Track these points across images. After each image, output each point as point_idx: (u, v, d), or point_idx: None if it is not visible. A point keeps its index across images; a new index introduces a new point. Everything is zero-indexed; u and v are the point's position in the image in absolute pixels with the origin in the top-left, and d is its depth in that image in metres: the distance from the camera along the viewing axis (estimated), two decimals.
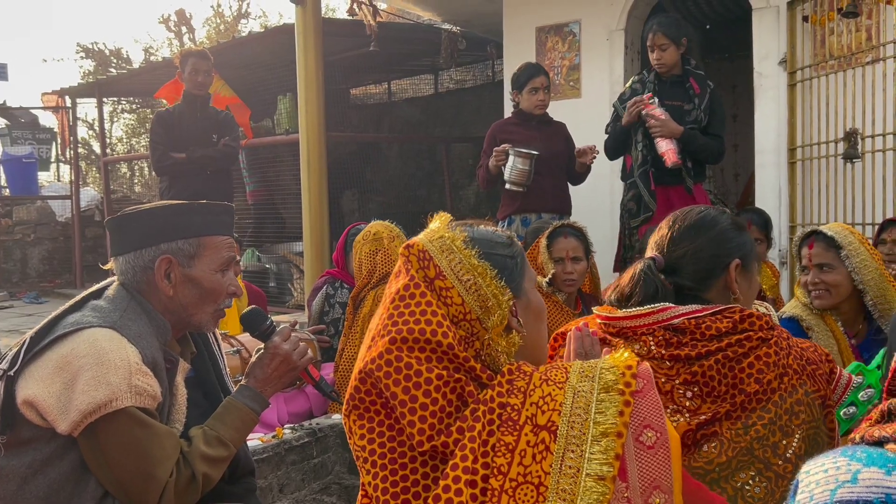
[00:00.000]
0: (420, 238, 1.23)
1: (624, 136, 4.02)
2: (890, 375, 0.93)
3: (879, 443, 0.84)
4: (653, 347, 1.49)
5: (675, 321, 1.49)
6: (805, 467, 0.85)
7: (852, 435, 0.90)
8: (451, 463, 1.04)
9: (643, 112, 3.81)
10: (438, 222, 1.26)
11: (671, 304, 1.51)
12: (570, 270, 3.23)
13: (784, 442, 1.41)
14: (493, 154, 4.06)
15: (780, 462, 1.40)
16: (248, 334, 3.52)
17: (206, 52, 5.25)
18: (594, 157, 4.21)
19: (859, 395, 1.82)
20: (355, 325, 3.51)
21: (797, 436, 1.42)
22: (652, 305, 1.52)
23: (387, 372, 1.09)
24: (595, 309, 1.62)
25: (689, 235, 1.61)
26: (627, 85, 4.16)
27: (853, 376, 1.73)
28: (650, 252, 1.64)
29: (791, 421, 1.43)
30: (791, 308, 2.63)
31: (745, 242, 1.63)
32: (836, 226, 2.57)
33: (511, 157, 4.03)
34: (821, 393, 1.47)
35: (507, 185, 4.07)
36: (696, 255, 1.59)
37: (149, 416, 1.58)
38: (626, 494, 1.02)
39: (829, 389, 1.50)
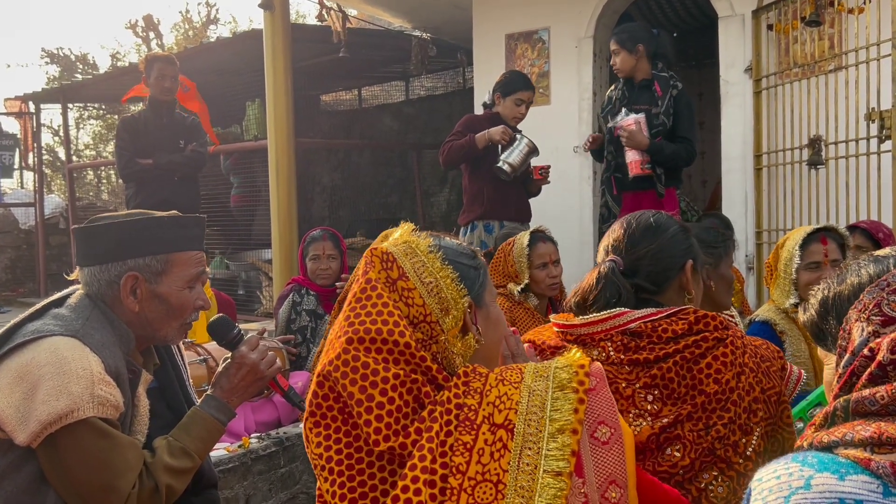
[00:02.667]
0: (384, 244, 1.25)
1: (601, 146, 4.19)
2: (840, 383, 0.93)
3: (829, 447, 0.84)
4: (612, 353, 1.50)
5: (632, 325, 1.51)
6: (757, 475, 0.85)
7: (799, 442, 0.89)
8: (409, 463, 1.04)
9: (610, 124, 3.98)
10: (401, 231, 1.28)
11: (627, 309, 1.53)
12: (555, 274, 3.30)
13: (744, 440, 1.44)
14: (502, 130, 4.07)
15: (740, 461, 1.43)
16: (215, 343, 3.50)
17: (173, 57, 5.18)
18: (547, 175, 4.31)
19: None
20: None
21: (756, 433, 1.45)
22: (609, 311, 1.53)
23: (343, 372, 1.09)
24: (552, 317, 1.64)
25: (648, 237, 1.63)
26: (607, 94, 4.27)
27: (803, 372, 1.76)
28: (603, 255, 1.66)
29: (750, 419, 1.45)
30: (764, 312, 2.62)
31: (693, 245, 1.68)
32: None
33: (520, 140, 4.11)
34: (776, 389, 1.50)
35: (501, 164, 4.09)
36: (656, 256, 1.61)
37: (111, 426, 1.54)
38: (582, 490, 1.03)
39: (783, 385, 1.53)
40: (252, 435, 3.18)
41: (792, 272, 2.51)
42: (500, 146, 4.11)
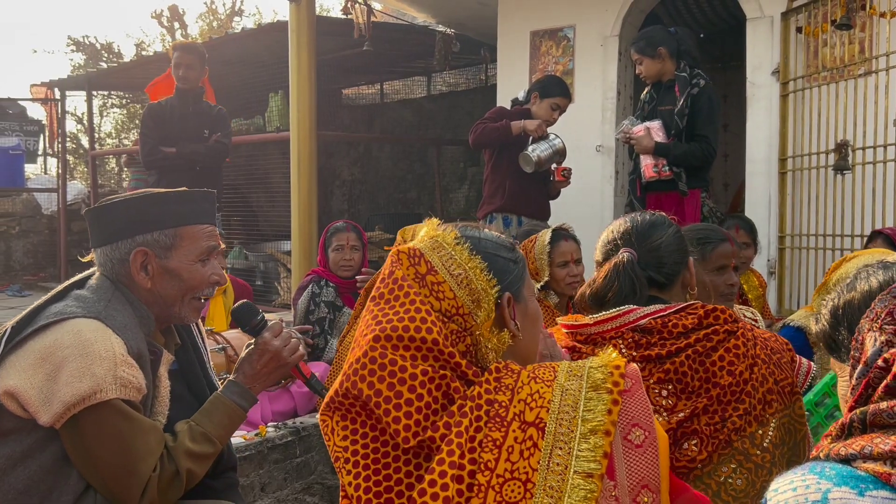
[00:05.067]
0: (410, 242, 1.24)
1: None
2: (856, 395, 0.91)
3: (846, 460, 0.82)
4: (623, 350, 1.51)
5: (642, 322, 1.51)
6: (773, 484, 0.84)
7: (814, 452, 0.88)
8: (437, 458, 1.03)
9: (616, 134, 4.12)
10: (426, 228, 1.26)
11: (635, 306, 1.54)
12: (576, 273, 3.28)
13: (760, 432, 1.45)
14: (539, 124, 4.11)
15: (758, 452, 1.43)
16: (234, 332, 3.53)
17: (193, 45, 5.20)
18: (569, 177, 4.34)
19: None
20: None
21: (772, 424, 1.46)
22: (617, 309, 1.54)
23: (371, 370, 1.08)
24: (559, 319, 1.63)
25: (657, 230, 1.64)
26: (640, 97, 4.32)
27: (812, 364, 1.75)
28: (605, 249, 1.66)
29: (765, 410, 1.46)
30: (801, 318, 2.56)
31: (687, 244, 1.71)
32: None
33: (554, 139, 4.14)
34: (789, 380, 1.51)
35: (529, 152, 4.11)
36: (668, 248, 1.63)
37: (133, 408, 1.55)
38: (614, 493, 1.01)
39: (794, 376, 1.54)
40: (269, 424, 3.19)
41: None
42: (531, 138, 4.12)
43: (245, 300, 1.89)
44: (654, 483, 1.03)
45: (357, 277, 3.74)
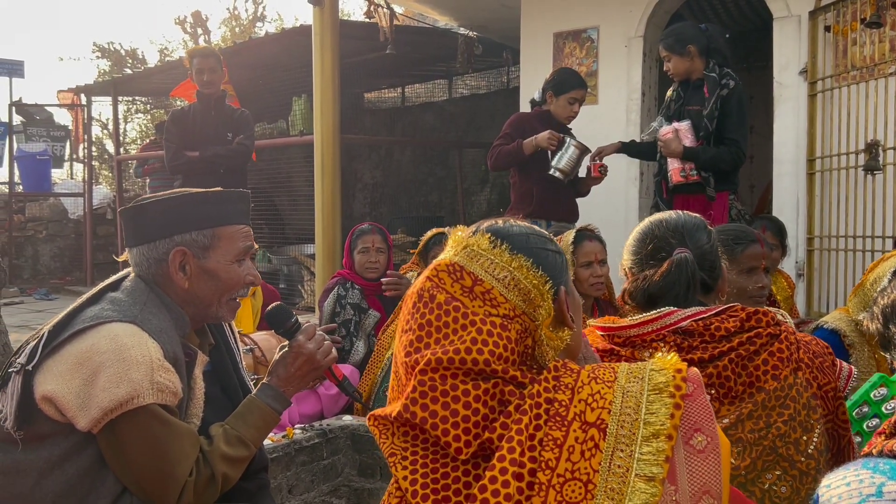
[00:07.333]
0: (443, 257, 1.20)
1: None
2: None
3: None
4: (665, 353, 1.45)
5: (683, 324, 1.48)
6: (825, 480, 0.83)
7: (867, 449, 0.87)
8: (497, 455, 1.02)
9: (643, 135, 4.06)
10: (452, 240, 1.22)
11: (674, 308, 1.51)
12: (600, 273, 3.25)
13: (805, 438, 1.42)
14: (548, 136, 4.03)
15: (802, 459, 1.40)
16: (261, 333, 3.54)
17: (211, 49, 5.25)
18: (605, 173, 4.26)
19: (883, 408, 1.78)
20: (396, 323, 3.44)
21: (817, 430, 1.43)
22: (657, 311, 1.51)
23: (422, 392, 1.08)
24: (592, 321, 1.61)
25: (704, 234, 1.62)
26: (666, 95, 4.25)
27: (853, 368, 1.72)
28: (647, 246, 1.63)
29: (810, 416, 1.43)
30: (835, 320, 2.52)
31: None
32: None
33: (568, 145, 4.08)
34: (832, 385, 1.48)
35: (552, 171, 4.07)
36: (715, 252, 1.61)
37: (169, 413, 1.55)
38: (674, 498, 1.00)
39: (836, 380, 1.51)
40: (295, 426, 3.20)
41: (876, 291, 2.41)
42: (549, 151, 4.08)
43: (279, 303, 1.89)
44: (715, 489, 1.01)
45: (382, 280, 3.75)
